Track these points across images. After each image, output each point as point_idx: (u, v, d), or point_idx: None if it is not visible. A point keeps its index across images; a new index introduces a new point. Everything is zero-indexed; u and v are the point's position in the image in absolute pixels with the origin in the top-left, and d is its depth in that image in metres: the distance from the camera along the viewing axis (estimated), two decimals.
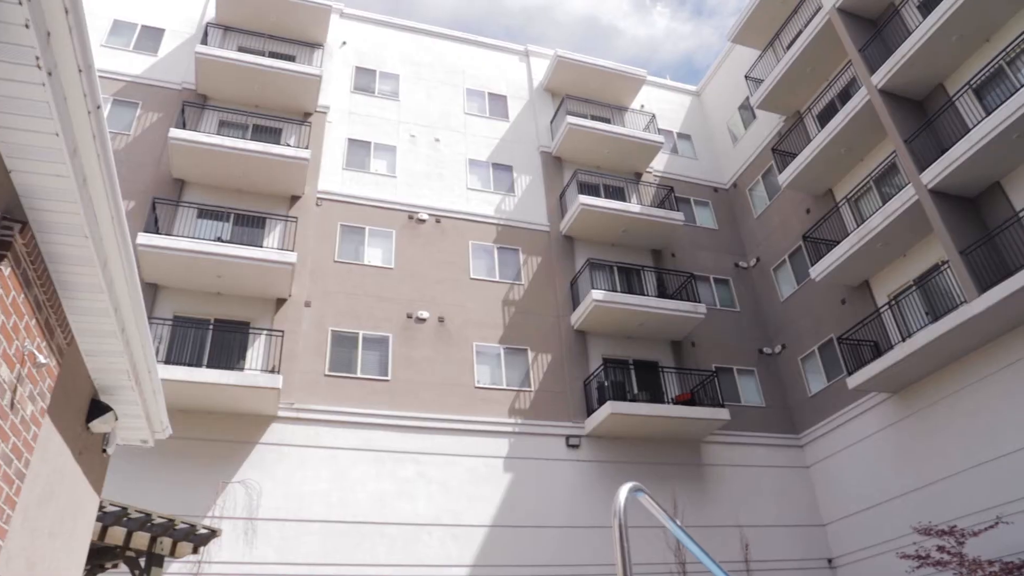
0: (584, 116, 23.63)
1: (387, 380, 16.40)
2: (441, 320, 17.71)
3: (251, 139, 18.55)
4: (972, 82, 15.83)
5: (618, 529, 2.79)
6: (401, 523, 14.72)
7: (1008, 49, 15.05)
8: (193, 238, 15.45)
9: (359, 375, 16.28)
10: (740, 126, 24.52)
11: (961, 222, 15.26)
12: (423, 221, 19.25)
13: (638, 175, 23.28)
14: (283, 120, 18.88)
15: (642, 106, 25.45)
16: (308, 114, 19.83)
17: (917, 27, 16.19)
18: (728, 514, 17.36)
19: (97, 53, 19.00)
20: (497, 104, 23.05)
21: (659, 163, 23.98)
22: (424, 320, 17.54)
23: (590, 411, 17.49)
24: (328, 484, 14.68)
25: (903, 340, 15.86)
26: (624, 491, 2.91)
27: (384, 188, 19.49)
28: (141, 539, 8.53)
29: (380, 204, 19.11)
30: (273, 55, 20.61)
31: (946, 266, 16.02)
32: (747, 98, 24.13)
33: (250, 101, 19.50)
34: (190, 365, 14.83)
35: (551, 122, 23.16)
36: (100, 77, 18.39)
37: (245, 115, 18.97)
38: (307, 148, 18.34)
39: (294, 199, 18.22)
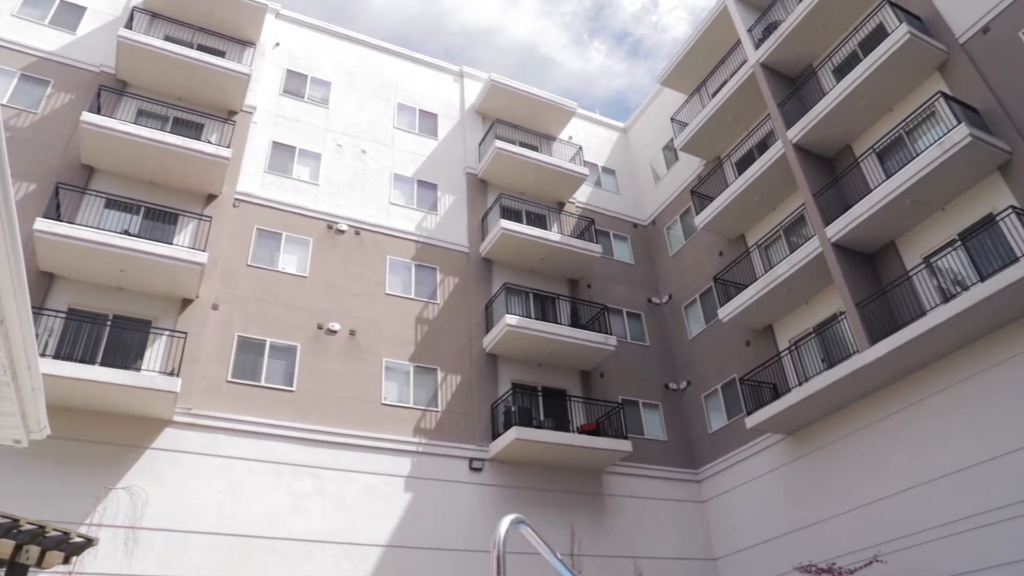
0: (513, 142, 23.90)
1: (291, 391, 16.01)
2: (352, 333, 17.44)
3: (170, 132, 17.94)
4: (876, 146, 16.82)
5: (496, 561, 2.79)
6: (294, 539, 14.32)
7: (907, 120, 16.07)
8: (98, 228, 14.76)
9: (263, 384, 15.84)
10: (663, 166, 25.26)
11: (859, 276, 16.10)
12: (342, 232, 18.99)
13: (561, 204, 23.64)
14: (206, 116, 18.34)
15: (570, 137, 25.93)
16: (233, 112, 19.34)
17: (831, 90, 17.10)
18: (624, 545, 17.62)
19: (6, 22, 18.07)
20: (427, 121, 23.06)
21: (582, 194, 24.43)
22: (335, 332, 17.25)
23: (495, 435, 17.51)
24: (221, 495, 14.16)
25: (800, 384, 16.56)
26: (505, 523, 2.93)
27: (305, 195, 19.15)
28: (4, 547, 7.97)
29: (300, 211, 18.75)
30: (202, 48, 20.06)
31: (843, 317, 16.86)
32: (671, 139, 24.94)
33: (173, 93, 18.89)
34: (82, 362, 14.12)
35: (479, 144, 23.31)
36: (7, 48, 17.57)
37: (166, 106, 18.35)
38: (229, 147, 17.86)
39: (210, 198, 17.69)
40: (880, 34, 17.67)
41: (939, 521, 13.80)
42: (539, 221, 22.72)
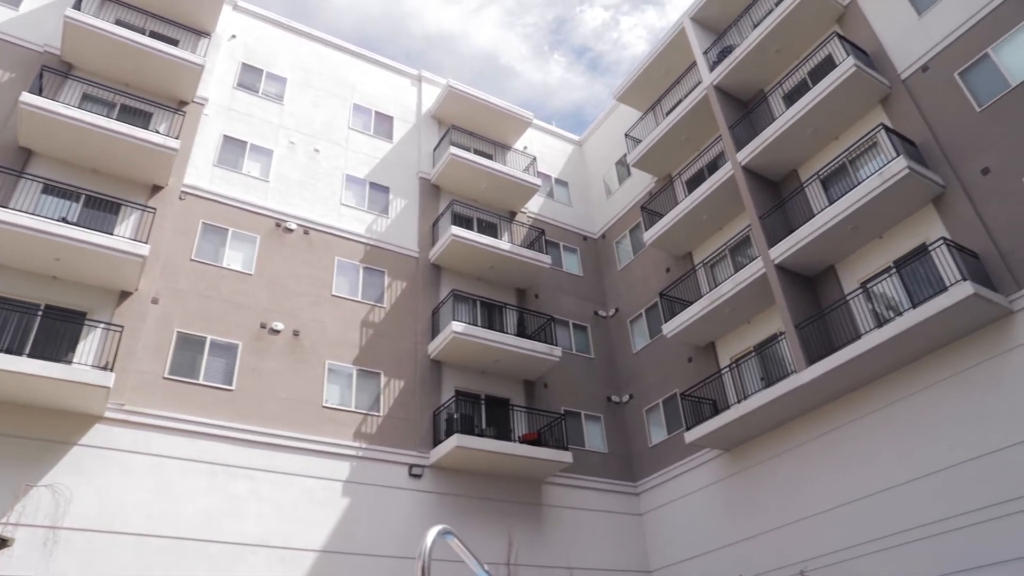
0: (467, 149, 23.92)
1: (231, 390, 15.69)
2: (296, 334, 17.19)
3: (117, 119, 17.46)
4: (820, 173, 17.35)
5: (421, 571, 2.79)
6: (227, 542, 14.00)
7: (851, 149, 16.62)
8: (33, 214, 14.24)
9: (201, 382, 15.48)
10: (615, 180, 25.58)
11: (799, 298, 16.54)
12: (291, 231, 18.73)
13: (513, 214, 23.74)
14: (155, 105, 17.89)
15: (525, 148, 26.08)
16: (184, 103, 18.92)
17: (780, 116, 17.56)
18: (561, 555, 17.70)
19: None
20: (383, 124, 22.92)
21: (534, 205, 24.56)
22: (278, 332, 16.98)
23: (437, 442, 17.44)
24: (152, 495, 13.76)
25: (739, 401, 16.90)
26: (432, 533, 2.93)
27: (254, 191, 18.84)
28: None
29: (248, 207, 18.43)
30: (155, 35, 19.60)
31: (783, 337, 17.30)
32: (625, 155, 25.29)
33: (121, 79, 18.39)
34: (9, 352, 13.60)
35: (434, 150, 23.27)
36: None
37: (113, 92, 17.84)
38: (177, 138, 17.48)
39: (155, 189, 17.26)
40: (829, 65, 18.24)
41: (864, 538, 14.23)
42: (490, 229, 22.76)
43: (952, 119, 15.15)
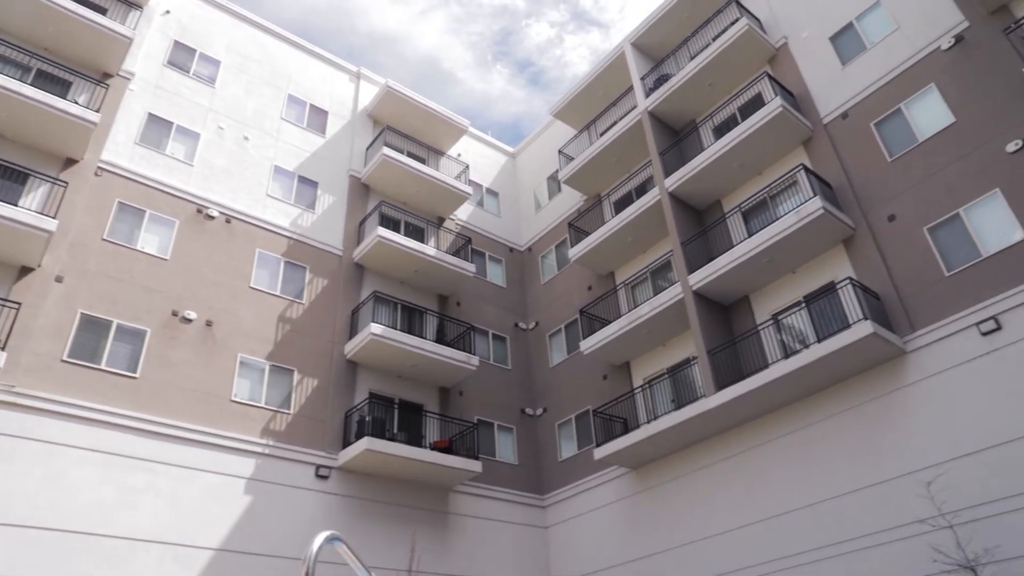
0: (401, 151, 23.79)
1: (134, 377, 15.09)
2: (209, 324, 16.68)
3: (32, 84, 16.61)
4: (742, 205, 17.99)
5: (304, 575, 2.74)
6: (118, 536, 13.40)
7: (772, 185, 17.31)
8: None
9: (104, 367, 14.82)
10: (545, 195, 25.86)
11: (714, 325, 17.07)
12: (212, 218, 18.19)
13: (441, 220, 23.69)
14: (76, 74, 17.12)
15: (459, 155, 26.10)
16: (108, 75, 18.17)
17: (709, 147, 18.14)
18: (465, 564, 17.68)
19: None
20: (317, 117, 22.55)
21: (463, 212, 24.59)
22: (190, 321, 16.44)
23: (347, 444, 17.19)
24: (39, 484, 13.05)
25: (648, 422, 17.29)
26: (319, 539, 2.88)
27: (177, 174, 18.22)
28: None
29: (169, 190, 17.80)
30: (81, 1, 18.77)
31: (695, 362, 17.80)
32: (557, 171, 25.61)
33: (39, 43, 17.54)
34: None
35: (367, 148, 23.03)
36: None
37: (30, 56, 17.00)
38: (98, 111, 16.78)
39: (69, 163, 16.49)
40: (758, 103, 18.97)
41: (761, 559, 14.75)
42: (417, 233, 22.65)
43: (866, 166, 15.97)
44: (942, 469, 12.67)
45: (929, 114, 15.26)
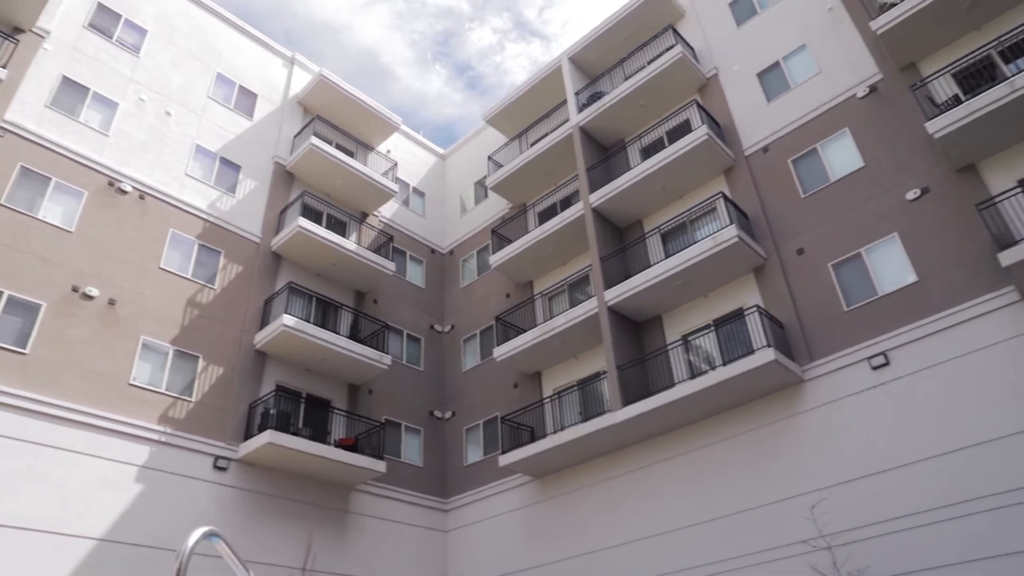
0: (329, 142, 23.41)
1: (23, 353, 14.29)
2: (112, 303, 15.98)
3: None
4: (662, 227, 18.46)
5: (176, 573, 2.64)
6: None
7: (692, 210, 17.84)
8: None
9: None
10: (472, 200, 25.90)
11: (625, 341, 17.43)
12: (125, 192, 17.45)
13: (364, 215, 23.42)
14: None
15: (388, 151, 25.87)
16: (19, 30, 17.20)
17: (635, 167, 18.56)
18: (361, 565, 17.46)
19: None
20: (245, 100, 21.94)
21: (388, 210, 24.37)
22: (91, 298, 15.71)
23: (249, 436, 16.74)
24: None
25: (555, 432, 17.50)
26: (196, 535, 2.77)
27: (90, 143, 17.40)
28: None
29: (79, 159, 16.97)
30: None
31: (604, 376, 18.13)
32: (485, 176, 25.70)
33: None
34: None
35: (295, 136, 22.57)
36: None
37: None
38: (5, 67, 15.87)
39: None
40: (686, 128, 19.53)
41: (654, 572, 15.13)
42: (339, 227, 22.31)
43: (781, 200, 16.66)
44: (825, 494, 13.32)
45: (842, 156, 16.05)
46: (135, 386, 15.55)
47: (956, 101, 14.18)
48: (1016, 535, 11.10)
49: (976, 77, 14.65)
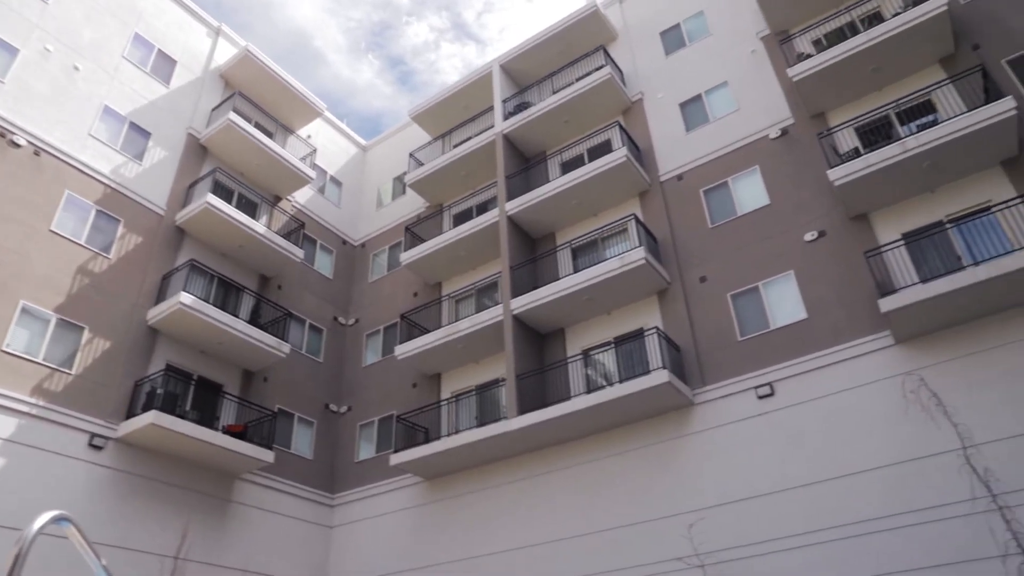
0: (248, 120, 22.76)
1: None
2: None
3: None
4: (574, 242, 18.79)
5: (15, 558, 2.42)
6: None
7: (604, 228, 18.24)
8: None
9: None
10: (389, 195, 25.65)
11: (527, 351, 17.63)
12: (18, 146, 16.43)
13: (277, 199, 22.86)
14: None
15: (309, 136, 25.34)
16: None
17: (554, 180, 18.82)
18: (239, 556, 16.94)
19: None
20: (163, 65, 21.04)
21: (302, 196, 23.86)
22: None
23: (131, 415, 16.02)
24: None
25: (449, 435, 17.50)
26: (43, 519, 2.54)
27: None
28: None
29: None
30: None
31: (503, 383, 18.26)
32: (404, 173, 25.52)
33: None
34: None
35: (212, 110, 21.81)
36: None
37: None
38: None
39: None
40: (606, 148, 19.96)
41: None
42: (249, 208, 21.69)
43: (689, 227, 17.23)
44: (704, 514, 13.82)
45: (750, 192, 16.75)
46: (8, 353, 14.62)
47: (856, 153, 15.03)
48: (878, 559, 11.82)
49: (875, 134, 15.60)
